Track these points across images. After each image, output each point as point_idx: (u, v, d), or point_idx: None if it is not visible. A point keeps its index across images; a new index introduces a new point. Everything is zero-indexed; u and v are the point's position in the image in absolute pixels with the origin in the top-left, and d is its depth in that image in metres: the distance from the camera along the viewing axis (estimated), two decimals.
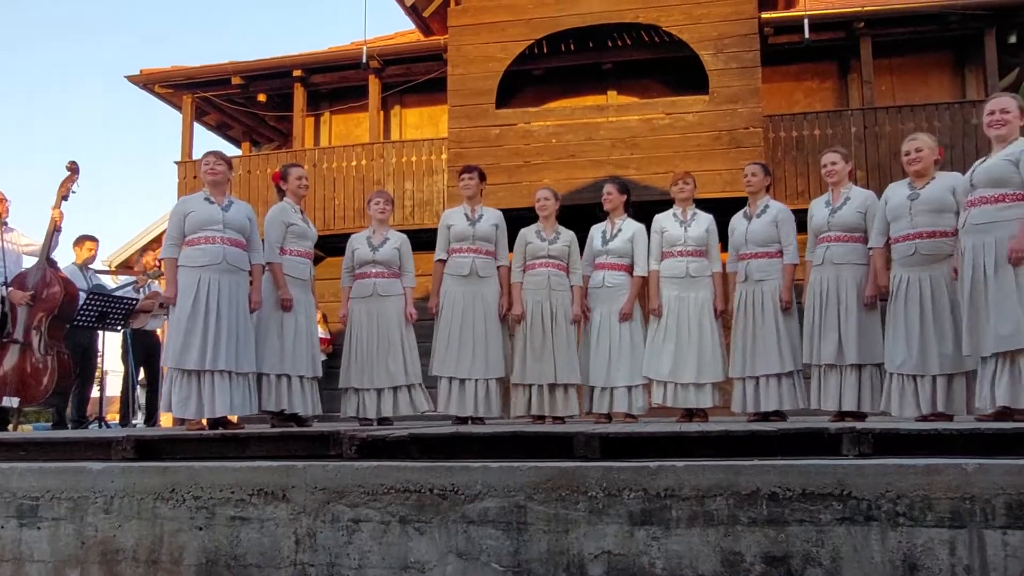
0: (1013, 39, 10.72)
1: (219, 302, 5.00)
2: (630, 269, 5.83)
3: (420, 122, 12.86)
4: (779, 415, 5.43)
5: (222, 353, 4.97)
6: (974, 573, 2.94)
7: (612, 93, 11.91)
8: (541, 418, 5.76)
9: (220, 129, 13.91)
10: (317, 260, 7.24)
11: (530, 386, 5.77)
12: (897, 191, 4.89)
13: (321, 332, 8.50)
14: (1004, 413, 4.12)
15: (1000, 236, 4.13)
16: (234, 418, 5.32)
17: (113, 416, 10.94)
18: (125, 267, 13.08)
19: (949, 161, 4.98)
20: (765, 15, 10.60)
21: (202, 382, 4.95)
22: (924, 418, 4.62)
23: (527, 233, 5.94)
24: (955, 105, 10.38)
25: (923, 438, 3.44)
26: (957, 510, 2.98)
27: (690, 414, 5.69)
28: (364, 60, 11.37)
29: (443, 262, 5.90)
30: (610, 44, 11.51)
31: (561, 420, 5.75)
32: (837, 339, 5.07)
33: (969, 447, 3.36)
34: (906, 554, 3.00)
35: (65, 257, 7.30)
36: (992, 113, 4.31)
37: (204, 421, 4.99)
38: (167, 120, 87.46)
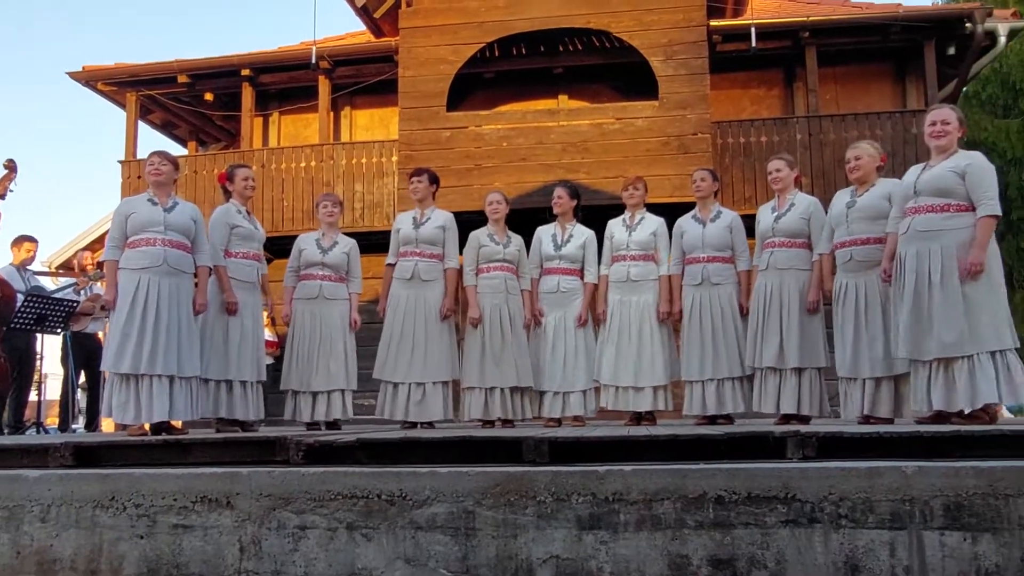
0: (952, 51, 11.01)
1: (159, 305, 4.88)
2: (582, 274, 5.87)
3: (371, 124, 12.77)
4: (727, 418, 5.49)
5: (160, 357, 4.84)
6: (913, 574, 3.00)
7: (563, 97, 11.96)
8: (490, 422, 5.75)
9: (166, 128, 13.66)
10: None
11: (489, 389, 5.75)
12: (840, 199, 5.02)
13: (268, 335, 8.40)
14: (940, 416, 4.22)
15: (946, 244, 4.23)
16: (178, 423, 5.22)
17: (52, 421, 10.66)
18: (66, 268, 12.76)
19: (891, 168, 5.09)
20: (714, 23, 10.74)
21: (140, 386, 4.83)
22: (867, 420, 4.71)
23: (480, 236, 5.93)
24: (896, 114, 10.64)
25: (865, 441, 3.51)
26: (897, 512, 3.04)
27: (639, 417, 5.73)
28: (314, 60, 11.26)
29: (392, 266, 5.88)
30: (561, 49, 11.57)
31: (510, 424, 5.75)
32: (779, 343, 5.15)
33: (909, 450, 3.44)
34: (848, 555, 3.05)
35: (2, 258, 7.14)
36: (934, 124, 4.41)
37: (147, 427, 4.88)
38: (111, 118, 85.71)
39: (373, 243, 8.85)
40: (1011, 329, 4.20)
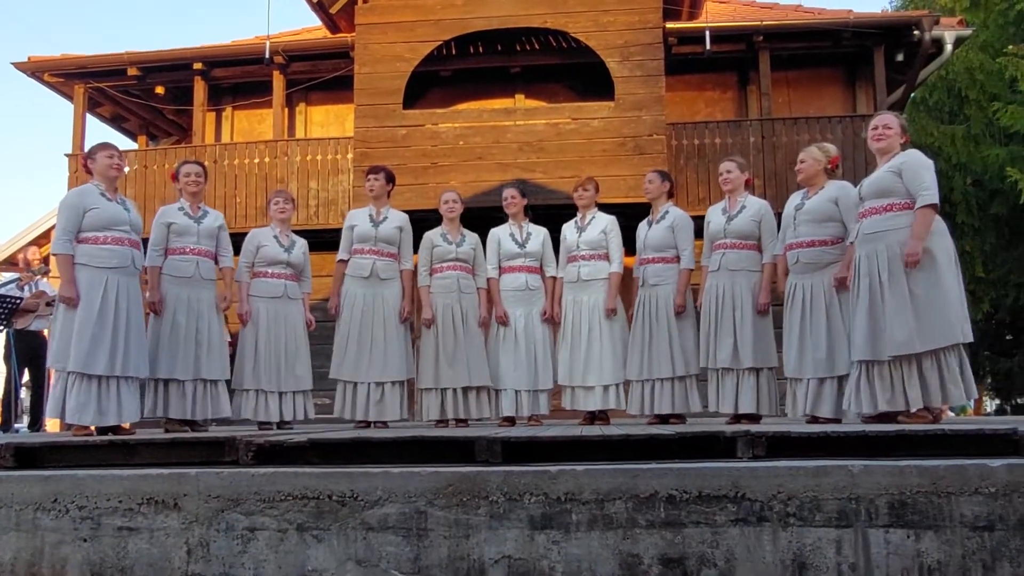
0: (900, 57, 11.25)
1: (128, 306, 4.81)
2: (542, 271, 5.91)
3: (326, 120, 12.66)
4: (679, 418, 5.54)
5: (132, 360, 4.81)
6: (859, 571, 3.05)
7: (520, 97, 11.97)
8: (444, 422, 5.74)
9: (115, 121, 13.40)
10: None
11: (443, 390, 5.74)
12: (791, 201, 5.10)
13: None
14: (886, 416, 4.31)
15: (890, 242, 4.30)
16: (126, 425, 5.12)
17: None
18: (8, 264, 12.45)
19: (841, 172, 5.18)
20: (669, 25, 10.83)
21: (104, 388, 4.72)
22: (814, 419, 4.79)
23: (433, 236, 5.91)
24: (846, 119, 10.84)
25: (813, 440, 3.56)
26: (844, 510, 3.09)
27: (592, 417, 5.75)
28: (268, 55, 11.13)
29: (345, 263, 5.82)
30: (519, 48, 11.58)
31: (464, 423, 5.74)
32: (733, 343, 5.21)
33: (856, 449, 3.50)
34: (796, 553, 3.09)
35: None
36: (876, 128, 4.52)
37: (92, 428, 4.77)
38: (57, 110, 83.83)
39: (327, 241, 8.75)
40: (963, 325, 4.23)
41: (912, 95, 13.36)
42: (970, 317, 4.42)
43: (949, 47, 10.91)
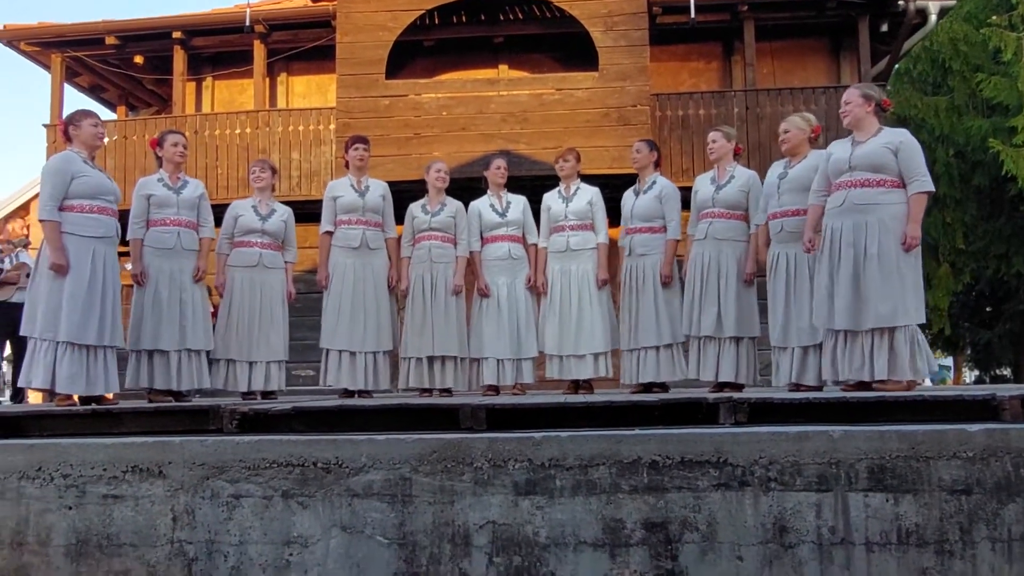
0: (885, 28, 11.23)
1: (112, 276, 4.83)
2: (524, 241, 5.92)
3: (308, 91, 12.53)
4: (662, 387, 5.58)
5: (119, 330, 4.86)
6: (838, 534, 3.10)
7: (503, 67, 11.89)
8: (429, 391, 5.76)
9: (93, 91, 13.21)
10: None
11: (418, 359, 5.78)
12: (773, 170, 5.12)
13: None
14: (863, 384, 4.36)
15: (882, 217, 4.34)
16: (109, 395, 5.10)
17: None
18: None
19: (824, 142, 5.18)
20: None
21: (93, 358, 4.72)
22: (796, 387, 4.83)
23: (413, 208, 5.96)
24: (830, 89, 10.80)
25: (795, 407, 3.61)
26: (824, 475, 3.14)
27: (576, 386, 5.78)
28: (248, 24, 10.99)
29: (330, 234, 5.80)
30: (502, 17, 11.47)
31: (448, 392, 5.76)
32: (716, 312, 5.24)
33: (836, 415, 3.54)
34: (776, 517, 3.14)
35: None
36: (841, 108, 4.64)
37: (76, 397, 4.76)
38: (34, 80, 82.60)
39: (309, 212, 8.70)
40: (922, 305, 4.42)
41: (896, 66, 13.36)
42: (951, 288, 4.60)
43: (933, 17, 10.89)
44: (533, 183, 6.34)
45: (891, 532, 3.10)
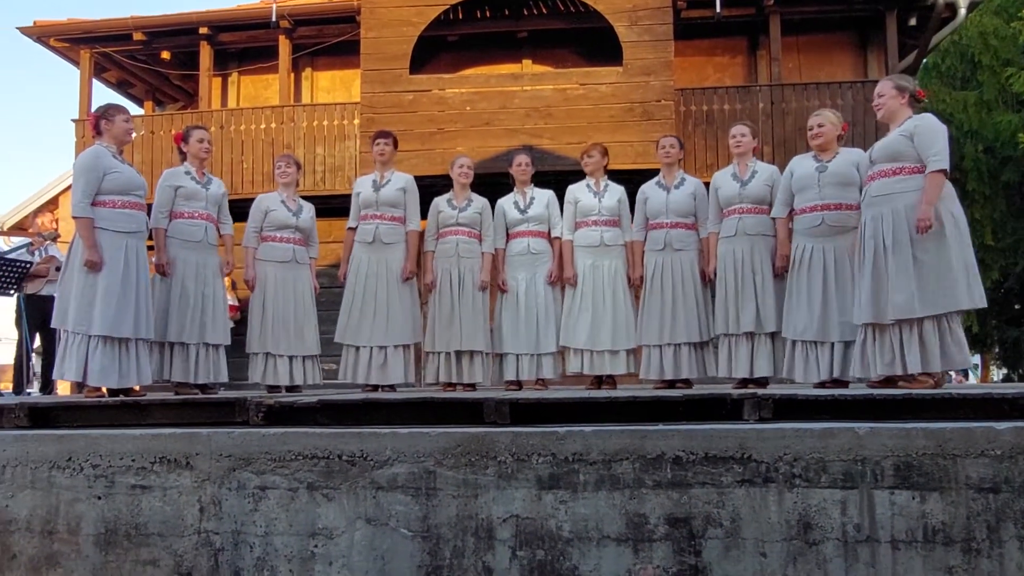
0: (913, 21, 11.10)
1: (143, 270, 4.92)
2: (549, 235, 5.90)
3: (332, 86, 12.58)
4: (685, 382, 5.56)
5: (151, 322, 4.96)
6: (863, 531, 3.08)
7: (527, 62, 11.87)
8: (452, 386, 5.79)
9: (121, 87, 13.34)
10: None
11: (438, 354, 5.81)
12: (803, 163, 5.03)
13: (229, 299, 8.31)
14: (888, 380, 4.32)
15: (896, 207, 4.29)
16: (136, 388, 5.17)
17: (6, 385, 10.50)
18: (18, 229, 12.49)
19: (851, 139, 5.14)
20: None
21: (125, 351, 4.79)
22: (822, 384, 4.79)
23: (439, 203, 5.97)
24: (857, 84, 10.70)
25: (820, 403, 3.58)
26: (849, 472, 3.12)
27: (599, 381, 5.78)
28: (274, 19, 11.06)
29: (353, 230, 5.84)
30: (526, 12, 11.45)
31: (472, 387, 5.78)
32: (755, 308, 5.20)
33: (862, 412, 3.51)
34: (801, 514, 3.12)
35: None
36: (873, 100, 4.60)
37: (104, 389, 4.82)
38: (64, 75, 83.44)
39: (334, 207, 8.77)
40: (971, 290, 4.19)
41: (924, 60, 13.22)
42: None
43: (963, 11, 10.74)
44: (557, 178, 6.32)
45: (917, 530, 3.07)
